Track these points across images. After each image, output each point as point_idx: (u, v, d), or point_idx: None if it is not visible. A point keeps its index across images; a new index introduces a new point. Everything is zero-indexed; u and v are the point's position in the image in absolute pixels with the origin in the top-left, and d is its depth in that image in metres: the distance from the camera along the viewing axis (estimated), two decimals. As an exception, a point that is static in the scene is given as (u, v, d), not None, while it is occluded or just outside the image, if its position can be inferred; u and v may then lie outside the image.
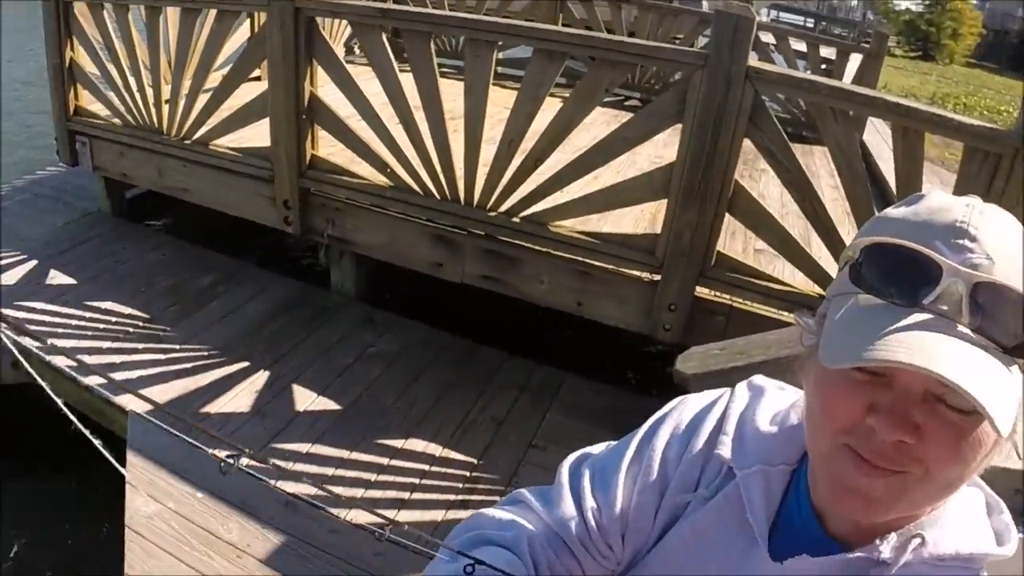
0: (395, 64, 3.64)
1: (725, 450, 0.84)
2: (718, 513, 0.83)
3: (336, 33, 5.99)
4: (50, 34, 4.91)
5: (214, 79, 4.41)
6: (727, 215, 3.26)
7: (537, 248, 3.66)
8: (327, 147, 4.15)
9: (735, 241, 3.99)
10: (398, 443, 3.40)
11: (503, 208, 3.64)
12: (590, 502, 0.90)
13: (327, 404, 3.61)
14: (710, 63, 3.01)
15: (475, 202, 3.68)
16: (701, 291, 3.43)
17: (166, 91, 4.61)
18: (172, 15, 4.57)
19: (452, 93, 3.71)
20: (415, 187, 3.81)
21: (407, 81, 3.63)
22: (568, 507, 0.91)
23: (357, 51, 6.50)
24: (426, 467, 3.29)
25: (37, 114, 8.65)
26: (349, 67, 3.87)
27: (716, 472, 0.85)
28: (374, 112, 3.76)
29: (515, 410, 3.66)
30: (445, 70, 4.00)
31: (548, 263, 3.67)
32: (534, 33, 3.42)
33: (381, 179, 3.92)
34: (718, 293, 3.45)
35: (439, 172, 3.70)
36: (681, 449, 0.88)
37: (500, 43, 3.69)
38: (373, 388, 3.75)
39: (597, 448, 0.98)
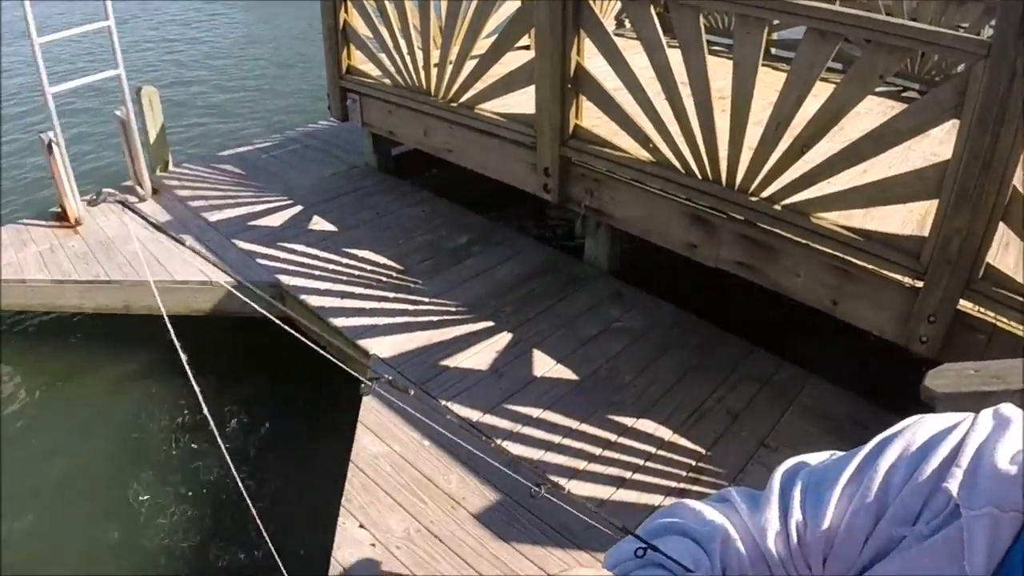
0: (663, 38, 3.58)
1: (954, 484, 0.73)
2: (933, 555, 0.73)
3: (606, 6, 6.00)
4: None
5: (482, 45, 4.55)
6: (1001, 224, 2.94)
7: (796, 239, 3.47)
8: (591, 118, 4.17)
9: (1007, 254, 3.57)
10: (628, 421, 3.39)
11: (765, 194, 3.49)
12: (797, 515, 0.83)
13: (564, 373, 3.67)
14: (993, 53, 2.69)
15: (736, 185, 3.56)
16: (964, 304, 3.12)
17: (435, 55, 4.84)
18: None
19: (721, 72, 3.60)
20: (676, 164, 3.75)
21: (675, 57, 3.56)
22: (773, 516, 0.85)
23: (627, 24, 6.50)
24: (652, 450, 3.25)
25: (316, 69, 9.38)
26: (617, 40, 3.86)
27: (941, 507, 0.74)
28: (640, 86, 3.73)
29: (753, 405, 3.53)
30: (715, 48, 3.89)
31: (806, 256, 3.49)
32: (806, 11, 3.21)
33: (643, 153, 3.89)
34: (982, 309, 3.12)
35: (702, 151, 3.62)
36: (907, 474, 0.78)
37: (772, 21, 3.51)
38: (613, 363, 3.76)
39: (816, 457, 0.90)
